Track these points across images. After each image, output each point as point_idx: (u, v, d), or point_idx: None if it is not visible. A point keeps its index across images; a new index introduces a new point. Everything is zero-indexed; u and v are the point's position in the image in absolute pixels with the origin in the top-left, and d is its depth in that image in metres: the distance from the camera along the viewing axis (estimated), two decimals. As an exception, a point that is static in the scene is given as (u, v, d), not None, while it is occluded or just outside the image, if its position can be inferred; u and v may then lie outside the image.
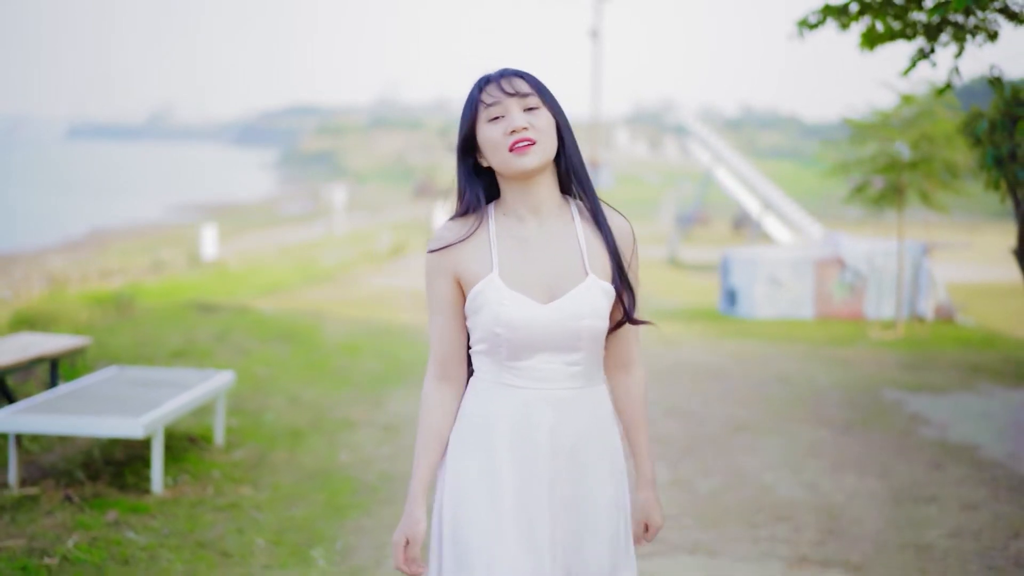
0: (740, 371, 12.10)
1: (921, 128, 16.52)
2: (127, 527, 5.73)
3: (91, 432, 6.22)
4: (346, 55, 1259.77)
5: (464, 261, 2.81)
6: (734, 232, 45.22)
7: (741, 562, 5.60)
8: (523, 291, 2.76)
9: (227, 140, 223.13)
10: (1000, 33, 8.66)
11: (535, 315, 2.74)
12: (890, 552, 5.76)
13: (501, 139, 2.74)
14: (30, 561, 5.11)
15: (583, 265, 2.78)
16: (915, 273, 18.80)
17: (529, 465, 2.78)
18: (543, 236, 2.81)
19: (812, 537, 6.00)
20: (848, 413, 9.67)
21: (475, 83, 2.84)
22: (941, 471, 7.58)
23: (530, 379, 2.79)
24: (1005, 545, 5.89)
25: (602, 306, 2.77)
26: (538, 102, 2.77)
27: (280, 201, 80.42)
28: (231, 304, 16.22)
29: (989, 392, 10.97)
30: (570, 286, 2.76)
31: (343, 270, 26.08)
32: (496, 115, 2.76)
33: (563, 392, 2.79)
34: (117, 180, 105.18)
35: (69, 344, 8.11)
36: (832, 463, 7.77)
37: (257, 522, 6.00)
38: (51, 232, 50.13)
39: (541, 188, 2.81)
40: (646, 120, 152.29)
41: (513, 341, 2.75)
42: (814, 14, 8.92)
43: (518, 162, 2.73)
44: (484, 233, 2.83)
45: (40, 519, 5.77)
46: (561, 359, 2.78)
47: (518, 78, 2.79)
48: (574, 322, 2.74)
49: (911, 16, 8.80)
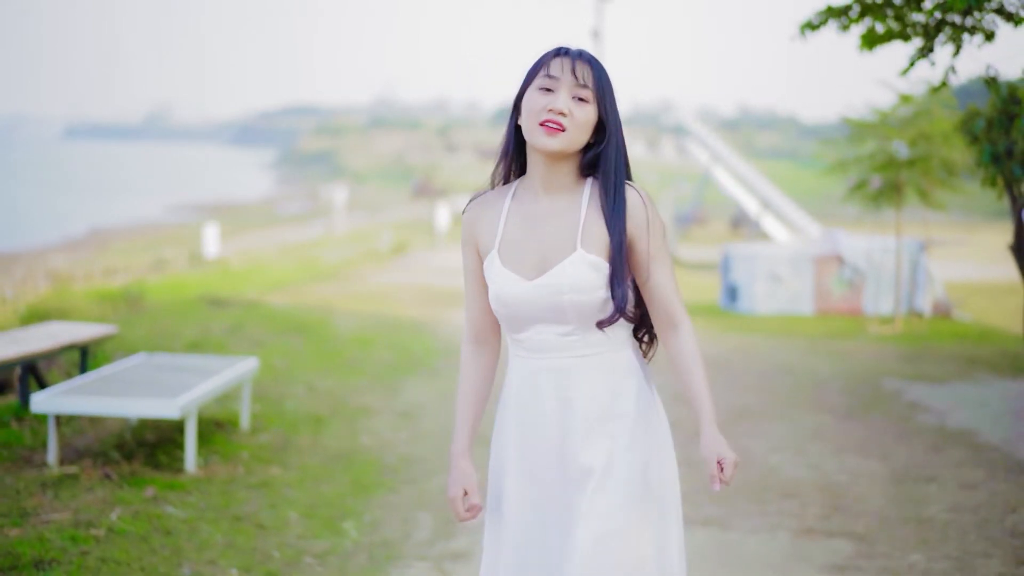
0: (743, 362, 12.41)
1: (919, 127, 16.79)
2: (165, 502, 6.01)
3: (130, 413, 6.51)
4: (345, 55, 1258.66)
5: (480, 235, 2.96)
6: (731, 231, 45.52)
7: (752, 534, 5.89)
8: (515, 267, 2.87)
9: (225, 140, 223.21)
10: (997, 33, 8.93)
11: (521, 290, 2.85)
12: (893, 525, 6.05)
13: (539, 111, 2.80)
14: (77, 532, 5.38)
15: (575, 240, 2.84)
16: (913, 270, 19.09)
17: (536, 430, 2.92)
18: (548, 213, 2.89)
19: (818, 512, 6.29)
20: (849, 401, 9.97)
21: (555, 48, 2.90)
22: (940, 454, 7.88)
23: (531, 349, 2.91)
24: (1002, 519, 6.18)
25: (587, 279, 2.81)
26: (590, 96, 2.82)
27: (279, 201, 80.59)
28: (241, 299, 16.50)
29: (986, 382, 11.27)
30: (558, 260, 2.84)
31: (346, 268, 26.34)
32: (548, 87, 2.81)
33: (564, 361, 2.88)
34: (116, 179, 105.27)
35: (98, 332, 8.39)
36: (835, 446, 8.06)
37: (288, 498, 6.29)
38: (51, 231, 50.31)
39: (561, 169, 2.88)
40: (644, 120, 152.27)
41: (508, 315, 2.90)
42: (816, 16, 9.20)
43: (541, 139, 2.81)
44: (501, 207, 2.95)
45: (82, 495, 6.05)
46: (553, 330, 2.87)
47: (589, 67, 2.84)
48: (556, 296, 2.82)
49: (910, 17, 9.08)
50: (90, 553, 5.09)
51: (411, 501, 6.39)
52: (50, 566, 4.89)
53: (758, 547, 5.69)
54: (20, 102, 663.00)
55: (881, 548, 5.63)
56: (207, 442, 7.32)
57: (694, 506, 6.33)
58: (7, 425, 7.45)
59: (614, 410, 2.92)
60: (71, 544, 5.20)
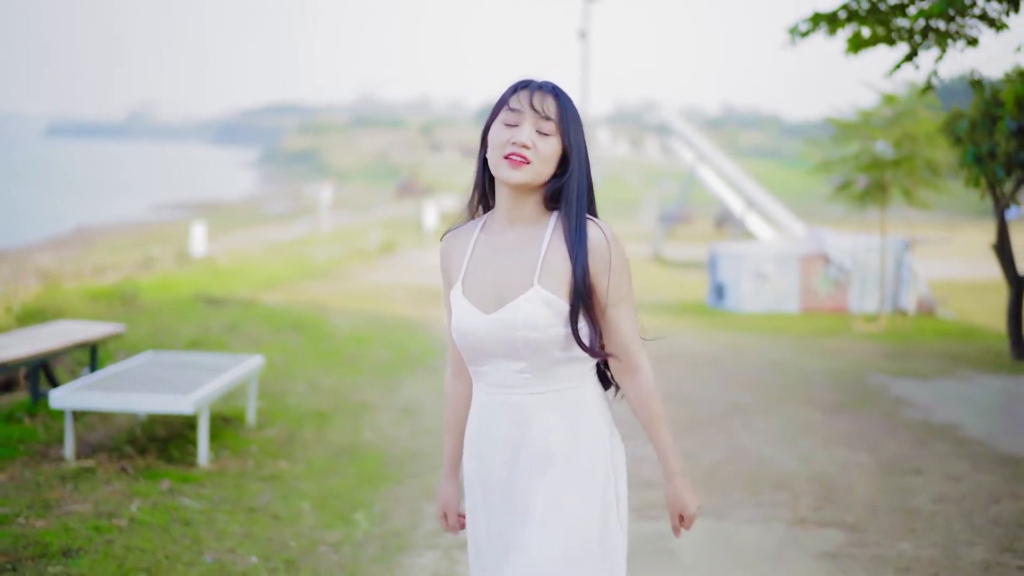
0: (734, 359, 12.67)
1: (903, 127, 17.08)
2: (181, 494, 6.22)
3: (145, 408, 6.72)
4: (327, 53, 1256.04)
5: (449, 266, 2.99)
6: (716, 230, 45.82)
7: (746, 524, 6.13)
8: (475, 300, 2.86)
9: (208, 138, 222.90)
10: (980, 38, 9.18)
11: (477, 324, 2.83)
12: (881, 515, 6.29)
13: (503, 144, 2.80)
14: (100, 523, 5.58)
15: (534, 275, 2.80)
16: (897, 268, 19.39)
17: (488, 464, 2.92)
18: (511, 245, 2.87)
19: (809, 502, 6.53)
20: (837, 396, 10.24)
21: (518, 81, 2.91)
22: (925, 447, 8.14)
23: (489, 383, 2.89)
24: (986, 509, 6.44)
25: (540, 317, 2.77)
26: (553, 129, 2.81)
27: (264, 200, 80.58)
28: (237, 298, 16.69)
29: (969, 378, 11.55)
30: (514, 296, 2.81)
31: (336, 267, 26.53)
32: (512, 122, 2.82)
33: (520, 397, 2.85)
34: (100, 178, 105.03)
35: (107, 331, 8.59)
36: (824, 440, 8.32)
37: (299, 490, 6.50)
38: (36, 229, 50.26)
39: (526, 201, 2.87)
40: (627, 120, 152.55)
41: (466, 347, 2.88)
42: (804, 22, 9.46)
43: (505, 172, 2.80)
44: (470, 239, 2.96)
45: (100, 487, 6.25)
46: (509, 366, 2.84)
47: (552, 99, 2.84)
48: (509, 332, 2.79)
49: (895, 22, 9.33)
50: (114, 542, 5.30)
51: (417, 493, 6.61)
52: (77, 554, 5.10)
53: (753, 536, 5.92)
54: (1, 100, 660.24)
55: (871, 537, 5.87)
56: (216, 437, 7.53)
57: (691, 497, 6.57)
58: (20, 421, 7.63)
59: (565, 450, 2.85)
60: (95, 534, 5.40)
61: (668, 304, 20.52)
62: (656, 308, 19.49)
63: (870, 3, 9.36)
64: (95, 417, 7.87)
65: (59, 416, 7.78)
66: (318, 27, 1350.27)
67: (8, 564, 4.94)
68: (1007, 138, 12.17)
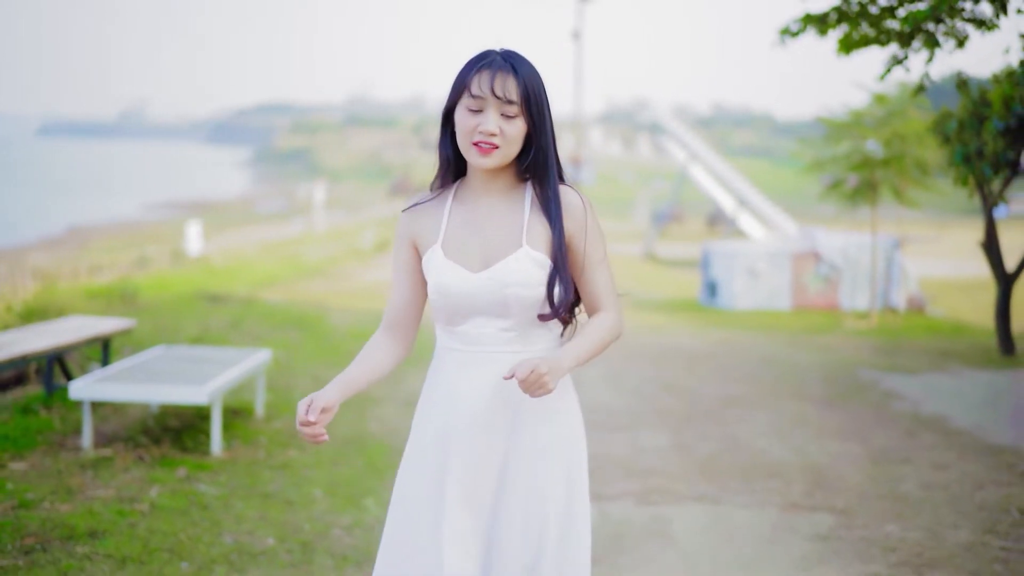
0: (728, 355, 12.94)
1: (893, 127, 17.35)
2: (198, 481, 6.47)
3: (162, 399, 6.96)
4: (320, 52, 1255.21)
5: (421, 232, 3.02)
6: (708, 229, 46.09)
7: (741, 508, 6.39)
8: (460, 261, 2.93)
9: (200, 138, 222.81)
10: (969, 38, 9.43)
11: (466, 281, 2.90)
12: (870, 500, 6.55)
13: (470, 131, 2.86)
14: (122, 507, 5.83)
15: (520, 237, 2.91)
16: (888, 266, 19.68)
17: (465, 422, 2.94)
18: (490, 212, 2.97)
19: (801, 489, 6.79)
20: (828, 390, 10.51)
21: (476, 57, 2.94)
22: (914, 438, 8.40)
23: (466, 342, 2.95)
24: (971, 495, 6.70)
25: (532, 275, 2.88)
26: (517, 111, 2.87)
27: (257, 199, 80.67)
28: (237, 296, 16.92)
29: (958, 373, 11.82)
30: (503, 256, 2.91)
31: (331, 265, 26.76)
32: (475, 108, 2.86)
33: (499, 355, 2.93)
34: (92, 177, 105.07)
35: (120, 326, 8.83)
36: (816, 431, 8.58)
37: (310, 478, 6.74)
38: (29, 229, 50.39)
39: (499, 176, 2.98)
40: (619, 119, 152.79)
41: (448, 306, 2.93)
42: (795, 23, 9.72)
43: (477, 159, 2.88)
44: (443, 207, 3.01)
45: (119, 475, 6.50)
46: (494, 324, 2.92)
47: (512, 79, 2.87)
48: (501, 289, 2.87)
49: (885, 24, 9.58)
50: (138, 525, 5.55)
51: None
52: (103, 536, 5.34)
53: (748, 520, 6.18)
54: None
55: (860, 520, 6.13)
56: (227, 428, 7.76)
57: (688, 484, 6.84)
58: (36, 413, 7.87)
59: (549, 406, 2.96)
60: (119, 517, 5.65)
61: (661, 302, 20.80)
62: (649, 306, 19.77)
63: (860, 5, 9.62)
64: (108, 409, 8.11)
65: (73, 408, 8.03)
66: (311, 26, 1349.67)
67: (38, 545, 5.19)
68: (995, 138, 12.46)
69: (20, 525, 5.44)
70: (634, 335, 14.50)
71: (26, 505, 5.79)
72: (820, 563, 5.41)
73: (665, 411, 9.25)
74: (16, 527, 5.41)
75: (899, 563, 5.39)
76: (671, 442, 8.05)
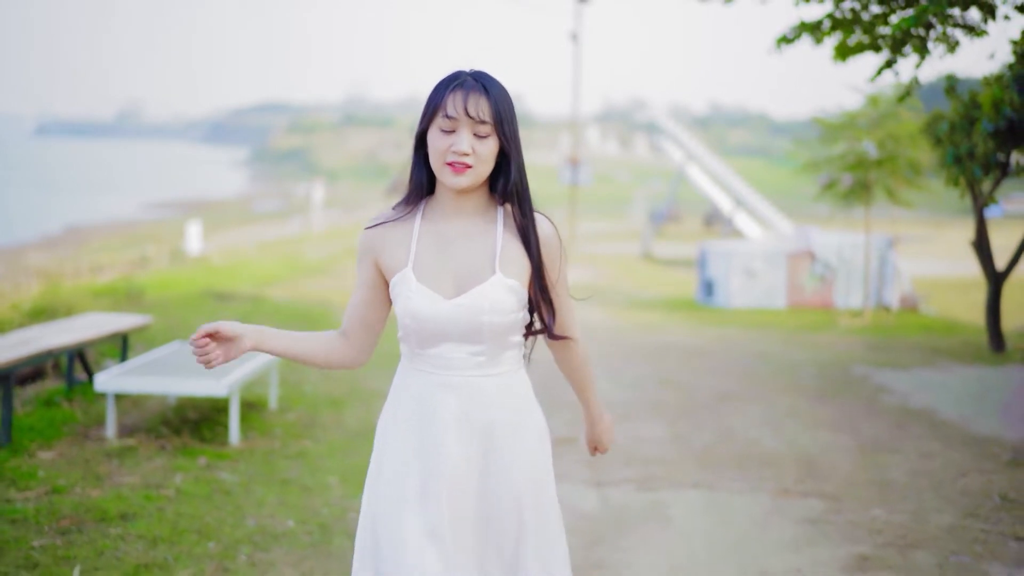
0: (722, 351, 13.29)
1: (886, 128, 17.69)
2: (218, 469, 6.79)
3: (184, 391, 7.29)
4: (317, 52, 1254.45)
5: (387, 251, 2.98)
6: (705, 229, 46.45)
7: (736, 494, 6.72)
8: (432, 285, 2.90)
9: (197, 137, 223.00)
10: (959, 44, 9.76)
11: (439, 308, 2.87)
12: (859, 487, 6.89)
13: (443, 151, 2.85)
14: (149, 492, 6.16)
15: (493, 263, 2.90)
16: (881, 265, 20.02)
17: (435, 447, 2.92)
18: (463, 235, 2.94)
19: (793, 476, 7.12)
20: (821, 384, 10.85)
21: (447, 78, 2.93)
22: (903, 429, 8.73)
23: (436, 366, 2.93)
24: (954, 481, 7.03)
25: (505, 302, 2.88)
26: (490, 131, 2.87)
27: (254, 198, 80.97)
28: (243, 294, 17.24)
29: (947, 368, 12.16)
30: (476, 282, 2.89)
31: (332, 264, 27.08)
32: (448, 128, 2.85)
33: (469, 379, 2.93)
34: (89, 177, 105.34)
35: (137, 322, 9.15)
36: (808, 423, 8.92)
37: (324, 467, 7.07)
38: (28, 228, 50.68)
39: (470, 197, 2.96)
40: (616, 118, 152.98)
41: (420, 331, 2.90)
42: (791, 30, 10.06)
43: (450, 180, 2.86)
44: (411, 227, 2.98)
45: (143, 463, 6.82)
46: (465, 349, 2.91)
47: (484, 100, 2.87)
48: (475, 316, 2.86)
49: (878, 31, 9.90)
50: (165, 508, 5.88)
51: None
52: (134, 518, 5.67)
53: (742, 505, 6.50)
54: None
55: (848, 505, 6.46)
56: (243, 420, 8.08)
57: (685, 472, 7.18)
58: (58, 406, 8.20)
59: (520, 429, 2.99)
60: (147, 501, 5.98)
61: (658, 300, 21.16)
62: (646, 305, 20.12)
63: (853, 12, 9.95)
64: (128, 402, 8.43)
65: (93, 400, 8.38)
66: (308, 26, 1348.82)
67: (73, 527, 5.51)
68: (985, 139, 12.79)
69: (55, 509, 5.77)
70: (633, 333, 14.84)
71: (58, 491, 6.12)
72: (809, 544, 5.73)
73: (663, 404, 9.59)
74: (51, 510, 5.74)
75: (884, 544, 5.71)
76: (669, 433, 8.39)
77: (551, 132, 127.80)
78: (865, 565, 5.38)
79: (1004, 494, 6.70)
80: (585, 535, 5.81)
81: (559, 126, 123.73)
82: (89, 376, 8.83)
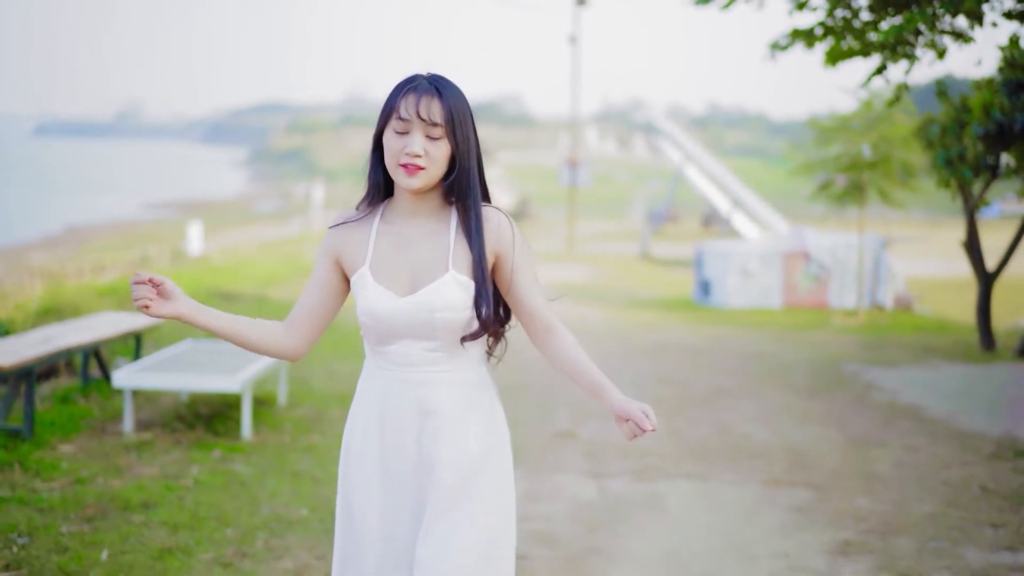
0: (719, 349, 13.61)
1: (880, 130, 18.01)
2: (232, 462, 7.10)
3: (199, 387, 7.61)
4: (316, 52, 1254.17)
5: (346, 250, 3.06)
6: (703, 229, 46.75)
7: (727, 484, 7.03)
8: (388, 284, 2.97)
9: (196, 137, 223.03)
10: (947, 50, 10.07)
11: (394, 306, 2.94)
12: (845, 478, 7.20)
13: (397, 153, 2.92)
14: (168, 483, 6.47)
15: (447, 261, 2.95)
16: (875, 265, 20.35)
17: (396, 441, 3.01)
18: (418, 235, 3.01)
19: (783, 467, 7.44)
20: (812, 381, 11.18)
21: (403, 81, 3.01)
22: (890, 425, 9.05)
23: (394, 363, 3.01)
24: (937, 473, 7.35)
25: (458, 299, 2.93)
26: (442, 133, 2.92)
27: (254, 198, 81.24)
28: (248, 293, 17.55)
29: (937, 366, 12.48)
30: (430, 280, 2.95)
31: (332, 264, 27.27)
32: (402, 130, 2.92)
33: (426, 375, 2.99)
34: (89, 177, 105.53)
35: (150, 321, 9.44)
36: (799, 419, 9.23)
37: (334, 459, 7.35)
38: (27, 229, 50.89)
39: (427, 197, 3.02)
40: (614, 119, 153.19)
41: (377, 328, 2.98)
42: (784, 37, 10.36)
43: (404, 181, 2.93)
44: (369, 228, 3.05)
45: (160, 456, 7.13)
46: (421, 346, 2.97)
47: (437, 102, 2.93)
48: (428, 314, 2.92)
49: (868, 37, 10.21)
50: (185, 498, 6.19)
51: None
52: (155, 507, 5.98)
53: (733, 494, 6.82)
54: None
55: (834, 494, 6.78)
56: (254, 415, 8.39)
57: (677, 463, 7.49)
58: (75, 402, 8.51)
59: (471, 421, 3.02)
60: (167, 491, 6.29)
61: (656, 300, 21.48)
62: (645, 304, 20.44)
63: (844, 20, 10.26)
64: (142, 398, 8.74)
65: (108, 396, 8.70)
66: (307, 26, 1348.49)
67: (98, 515, 5.82)
68: (975, 142, 13.10)
69: (79, 498, 6.08)
70: (631, 331, 15.16)
71: (81, 481, 6.43)
72: (797, 531, 6.04)
73: (659, 400, 9.90)
74: (76, 500, 6.05)
75: (867, 531, 6.03)
76: (664, 427, 8.69)
77: (550, 132, 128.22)
78: (848, 549, 5.69)
79: (984, 485, 7.01)
80: (584, 523, 6.11)
81: (558, 126, 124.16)
82: (104, 373, 9.13)
